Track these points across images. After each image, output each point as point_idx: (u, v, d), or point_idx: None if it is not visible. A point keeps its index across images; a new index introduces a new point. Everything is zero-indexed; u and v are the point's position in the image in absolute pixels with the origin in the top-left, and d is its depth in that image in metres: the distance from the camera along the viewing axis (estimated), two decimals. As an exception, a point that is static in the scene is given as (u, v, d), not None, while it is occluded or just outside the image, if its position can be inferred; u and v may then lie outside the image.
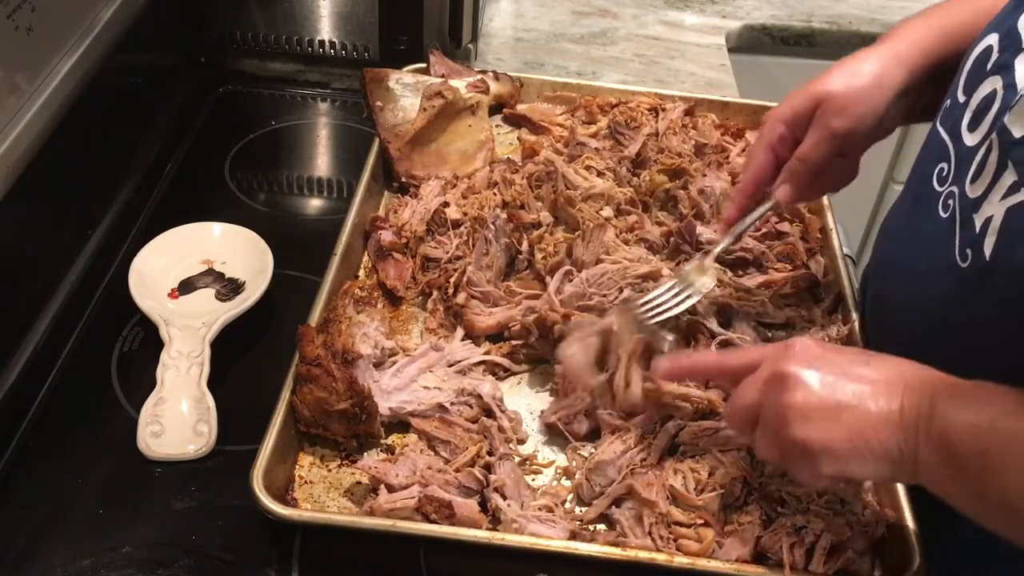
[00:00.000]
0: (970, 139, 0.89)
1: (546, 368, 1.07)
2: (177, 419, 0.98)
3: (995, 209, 0.82)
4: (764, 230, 1.22)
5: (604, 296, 1.09)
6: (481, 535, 0.87)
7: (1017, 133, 0.81)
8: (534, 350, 1.07)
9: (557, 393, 1.02)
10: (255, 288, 1.10)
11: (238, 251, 1.16)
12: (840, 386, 0.78)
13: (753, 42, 1.88)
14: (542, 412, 1.02)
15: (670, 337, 0.98)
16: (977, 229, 0.84)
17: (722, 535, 0.90)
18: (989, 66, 0.88)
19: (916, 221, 0.97)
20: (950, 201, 0.90)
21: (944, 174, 0.92)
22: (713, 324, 1.07)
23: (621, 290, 1.09)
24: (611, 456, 0.94)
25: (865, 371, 0.79)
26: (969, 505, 0.75)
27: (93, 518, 0.92)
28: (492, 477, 0.92)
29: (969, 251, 0.85)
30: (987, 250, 0.82)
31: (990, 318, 0.84)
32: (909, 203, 1.00)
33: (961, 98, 0.92)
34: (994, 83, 0.87)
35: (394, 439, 0.99)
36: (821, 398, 0.77)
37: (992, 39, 0.89)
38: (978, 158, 0.86)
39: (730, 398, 0.85)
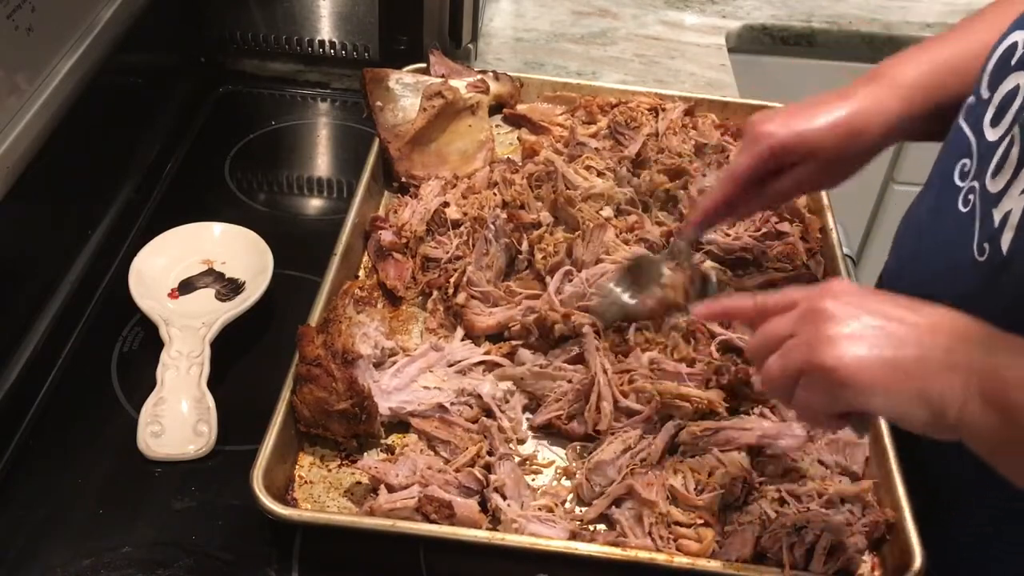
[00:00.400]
0: (992, 134, 0.89)
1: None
2: (177, 419, 0.98)
3: (1014, 203, 0.82)
4: (764, 230, 1.22)
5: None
6: (481, 535, 0.87)
7: None
8: (534, 350, 1.07)
9: (547, 397, 1.02)
10: (255, 288, 1.10)
11: (238, 251, 1.16)
12: (881, 325, 0.73)
13: (753, 42, 1.88)
14: (530, 417, 1.02)
15: (713, 278, 0.96)
16: (996, 224, 0.84)
17: (722, 535, 0.90)
18: (1013, 62, 0.89)
19: (936, 217, 0.97)
20: (971, 196, 0.90)
21: (966, 169, 0.93)
22: (713, 324, 1.07)
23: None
24: (611, 456, 0.94)
25: (909, 315, 0.74)
26: (1019, 468, 0.72)
27: (93, 518, 0.92)
28: (492, 477, 0.92)
29: (987, 245, 0.85)
30: (1004, 245, 0.83)
31: (1006, 312, 0.83)
32: (930, 200, 1.01)
33: (985, 94, 0.92)
34: (1018, 79, 0.87)
35: (394, 439, 0.99)
36: (859, 330, 0.73)
37: (1017, 36, 0.90)
38: (999, 152, 0.86)
39: (756, 332, 0.80)
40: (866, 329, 0.73)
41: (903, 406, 0.72)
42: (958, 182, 0.93)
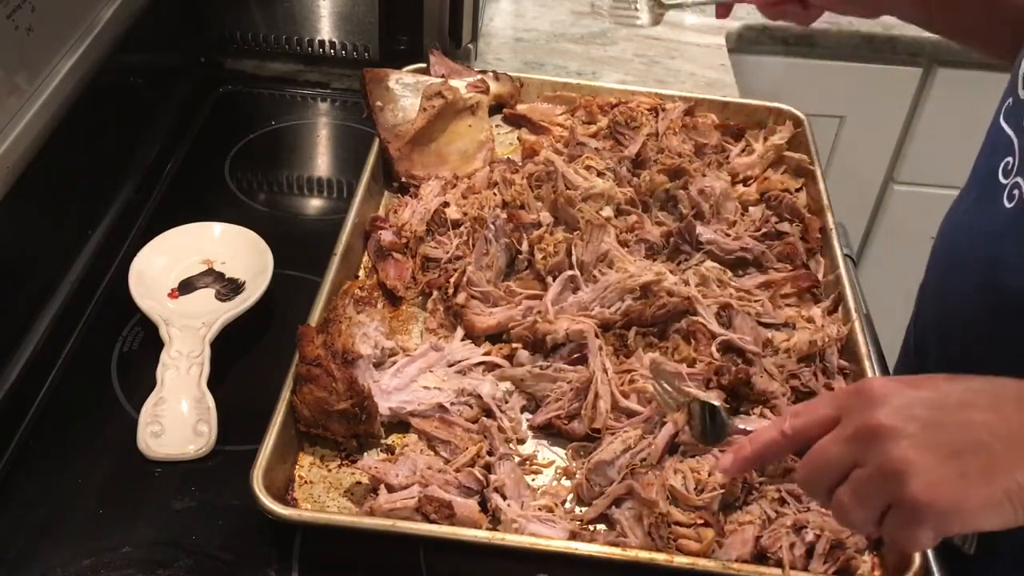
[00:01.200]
0: None
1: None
2: (177, 419, 0.98)
3: None
4: (764, 230, 1.22)
5: (605, 308, 1.08)
6: (481, 535, 0.87)
7: None
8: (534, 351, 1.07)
9: (547, 398, 1.02)
10: (255, 288, 1.10)
11: (238, 251, 1.16)
12: (950, 427, 0.68)
13: (753, 42, 1.88)
14: (529, 417, 1.02)
15: (717, 402, 0.88)
16: None
17: (722, 535, 0.90)
18: None
19: (981, 214, 0.98)
20: (1015, 191, 0.91)
21: (1010, 167, 0.94)
22: (713, 324, 1.07)
23: (623, 301, 1.08)
24: (611, 456, 0.94)
25: (967, 396, 0.69)
26: None
27: (93, 518, 0.92)
28: (492, 477, 0.92)
29: None
30: None
31: None
32: (972, 199, 1.02)
33: (1022, 95, 0.94)
34: None
35: (394, 439, 0.99)
36: (935, 447, 0.67)
37: None
38: None
39: (804, 460, 0.74)
40: (940, 438, 0.67)
41: (1009, 513, 0.67)
42: (1002, 179, 0.95)
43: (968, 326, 1.00)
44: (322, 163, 1.48)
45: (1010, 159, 0.95)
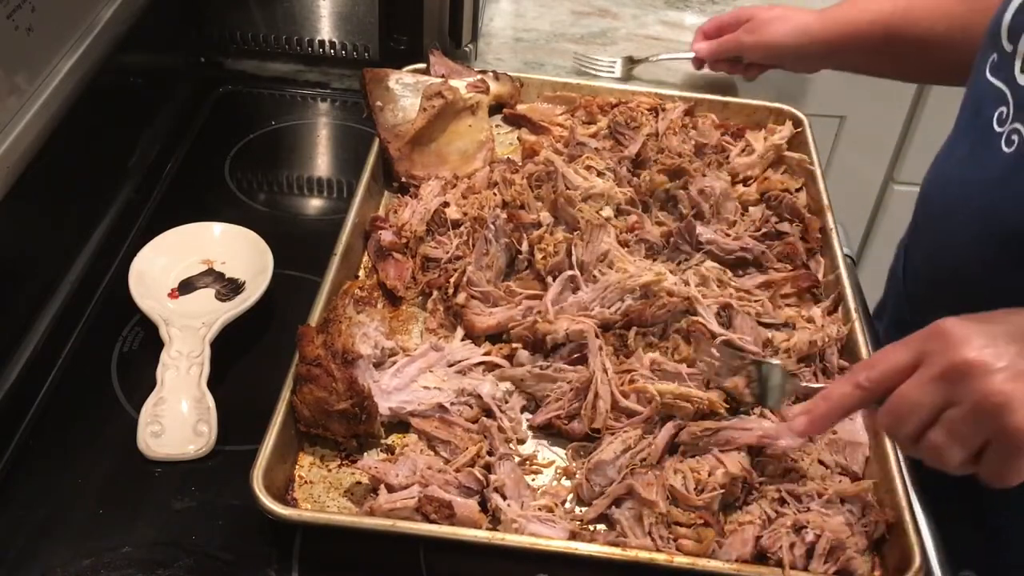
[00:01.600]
0: None
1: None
2: (177, 419, 0.98)
3: None
4: (764, 230, 1.22)
5: (605, 308, 1.08)
6: (481, 535, 0.87)
7: None
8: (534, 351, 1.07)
9: (547, 398, 1.02)
10: (255, 288, 1.10)
11: (238, 251, 1.16)
12: None
13: (753, 42, 1.87)
14: (529, 417, 1.02)
15: (775, 361, 0.87)
16: None
17: (722, 535, 0.90)
18: None
19: (975, 165, 0.98)
20: (1014, 137, 0.92)
21: (1004, 116, 0.94)
22: (713, 324, 1.07)
23: (623, 301, 1.09)
24: (611, 456, 0.94)
25: None
26: None
27: (93, 518, 0.92)
28: (492, 477, 0.92)
29: None
30: None
31: None
32: (965, 150, 1.02)
33: (1008, 47, 0.94)
34: None
35: (394, 439, 0.99)
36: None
37: None
38: None
39: (887, 407, 0.74)
40: None
41: None
42: (997, 128, 0.95)
43: (963, 280, 1.00)
44: (322, 163, 1.48)
45: (1004, 108, 0.94)
